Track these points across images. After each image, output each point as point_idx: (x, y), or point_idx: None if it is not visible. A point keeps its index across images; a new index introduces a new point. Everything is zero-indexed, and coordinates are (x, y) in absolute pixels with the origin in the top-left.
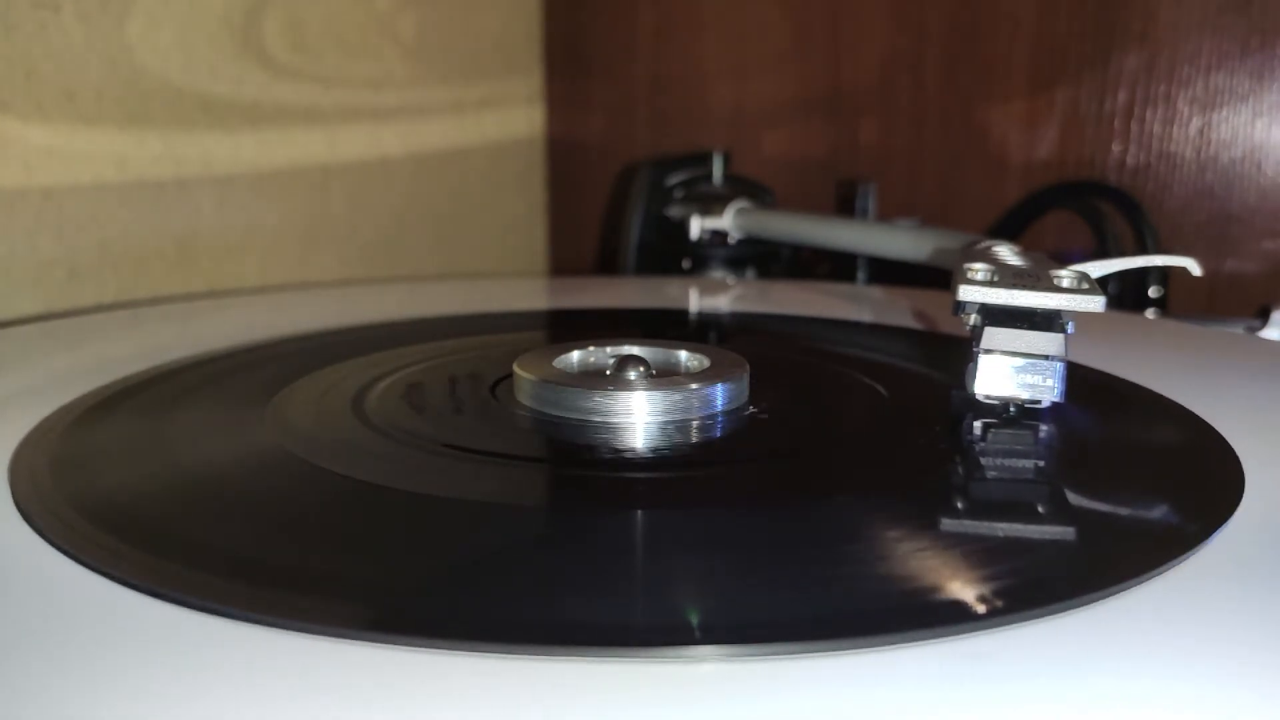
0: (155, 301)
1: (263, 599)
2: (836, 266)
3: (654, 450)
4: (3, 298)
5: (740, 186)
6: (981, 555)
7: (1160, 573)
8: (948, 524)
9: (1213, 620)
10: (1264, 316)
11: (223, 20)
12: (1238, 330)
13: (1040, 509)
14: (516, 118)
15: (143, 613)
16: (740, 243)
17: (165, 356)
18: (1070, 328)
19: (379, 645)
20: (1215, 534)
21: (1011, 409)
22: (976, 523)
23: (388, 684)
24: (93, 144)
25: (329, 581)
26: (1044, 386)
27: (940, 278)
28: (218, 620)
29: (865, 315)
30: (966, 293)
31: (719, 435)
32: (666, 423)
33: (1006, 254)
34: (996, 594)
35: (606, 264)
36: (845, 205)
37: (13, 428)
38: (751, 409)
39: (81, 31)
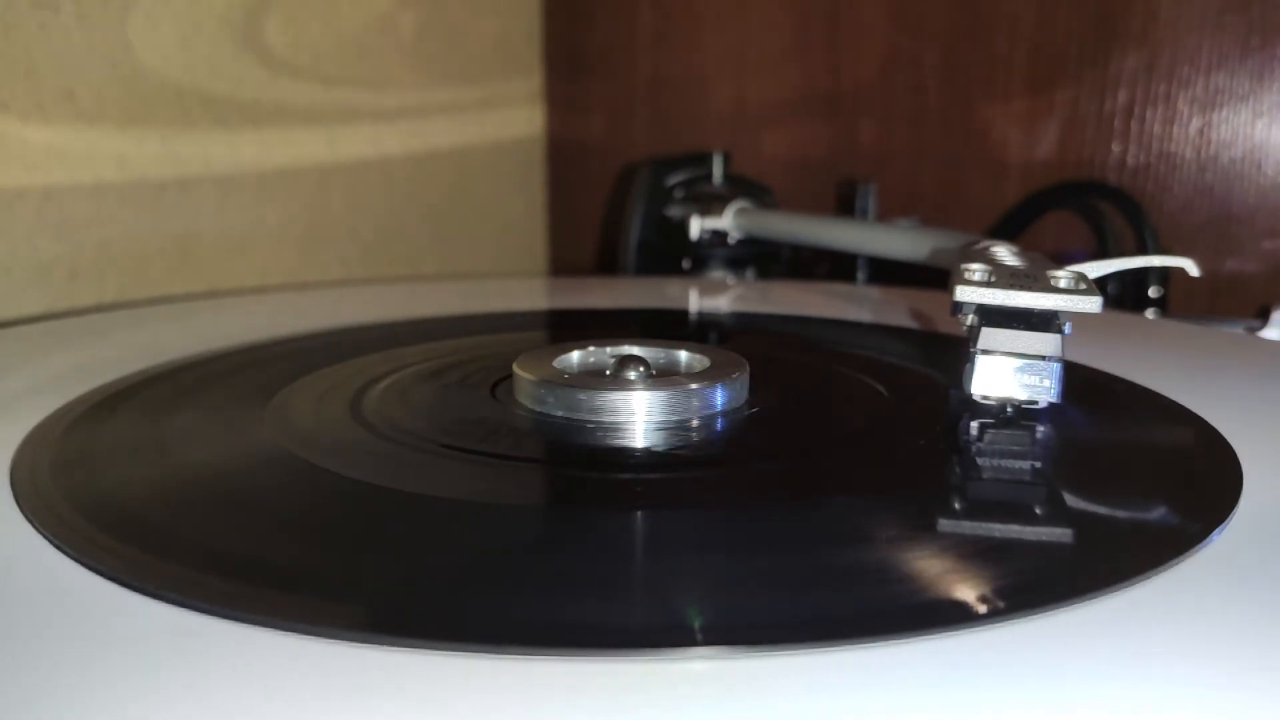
0: (155, 301)
1: (262, 599)
2: (836, 266)
3: (653, 450)
4: (3, 298)
5: (740, 186)
6: (979, 555)
7: (1159, 573)
8: (946, 524)
9: (1211, 620)
10: (1264, 316)
11: (223, 20)
12: (1238, 330)
13: (1038, 509)
14: (516, 118)
15: (142, 612)
16: (740, 243)
17: (165, 356)
18: (1067, 328)
19: (378, 646)
20: (1214, 534)
21: (1009, 409)
22: (974, 523)
23: (387, 684)
24: (93, 144)
25: (328, 582)
26: (1041, 387)
27: (939, 278)
28: (217, 620)
29: (865, 315)
30: (963, 293)
31: (719, 435)
32: (666, 423)
33: (1004, 254)
34: (995, 594)
35: (606, 264)
36: (845, 205)
37: (13, 428)
38: (751, 409)
39: (81, 31)
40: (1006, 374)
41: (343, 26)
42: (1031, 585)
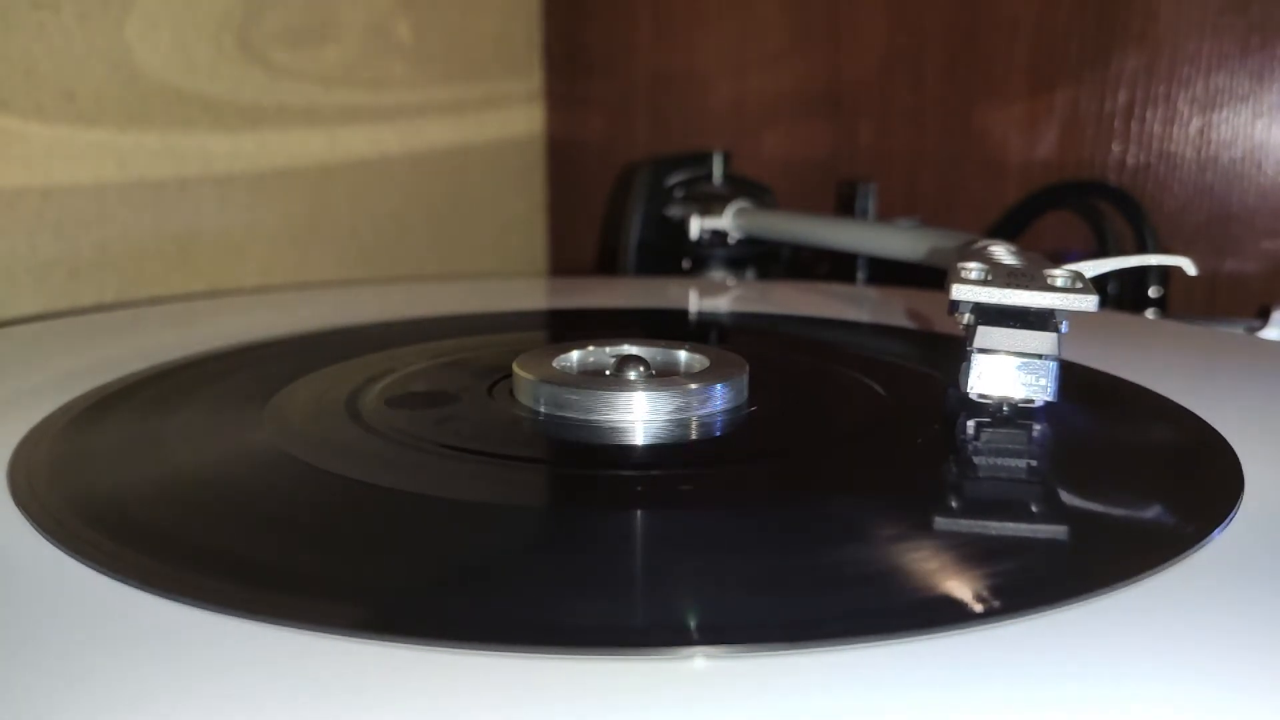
0: (155, 301)
1: (261, 599)
2: (836, 266)
3: (653, 450)
4: (3, 298)
5: (740, 186)
6: (977, 555)
7: (1158, 572)
8: (944, 524)
9: (1211, 620)
10: (1264, 316)
11: (222, 20)
12: (1238, 330)
13: (1035, 508)
14: (516, 118)
15: (141, 612)
16: (740, 243)
17: (165, 356)
18: (1064, 327)
19: (378, 645)
20: (1214, 534)
21: (1005, 408)
22: (972, 522)
23: (387, 684)
24: (93, 144)
25: (327, 582)
26: (1038, 386)
27: (938, 278)
28: (216, 620)
29: (864, 315)
30: (960, 292)
31: (718, 435)
32: (666, 423)
33: (1001, 253)
34: (994, 594)
35: (606, 264)
36: (845, 205)
37: (13, 428)
38: (750, 409)
39: (81, 31)
40: (1004, 373)
41: (342, 26)
42: (1030, 585)
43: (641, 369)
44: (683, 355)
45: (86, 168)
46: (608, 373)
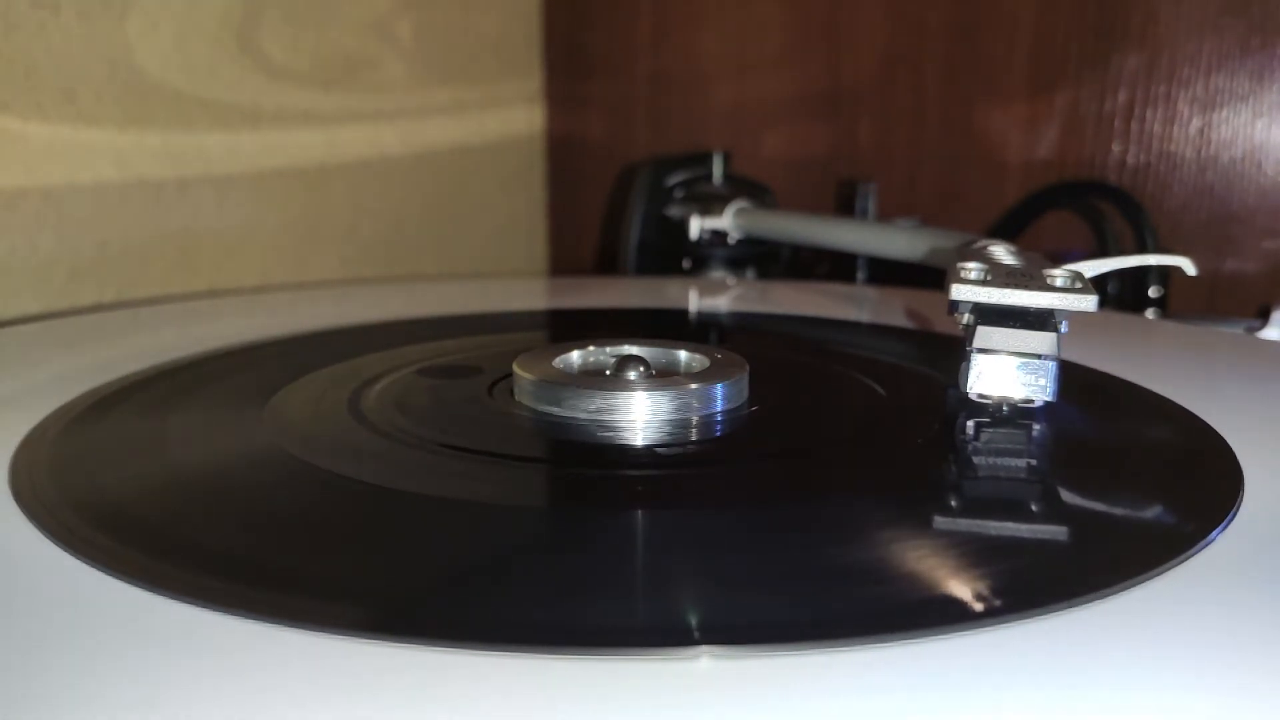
0: (155, 301)
1: (262, 599)
2: (836, 266)
3: (653, 450)
4: (3, 298)
5: (740, 186)
6: (977, 555)
7: (1158, 573)
8: (943, 523)
9: (1210, 620)
10: (1264, 316)
11: (222, 20)
12: (1238, 330)
13: (1035, 509)
14: (516, 118)
15: (142, 612)
16: (740, 243)
17: (165, 356)
18: (1064, 327)
19: (378, 645)
20: (1214, 534)
21: (1005, 408)
22: (972, 522)
23: (387, 684)
24: (93, 144)
25: (327, 582)
26: (1037, 386)
27: (938, 278)
28: (217, 619)
29: (864, 315)
30: (960, 292)
31: (718, 435)
32: (666, 423)
33: (1001, 253)
34: (993, 594)
35: (606, 264)
36: (845, 205)
37: (13, 428)
38: (751, 409)
39: (81, 31)
40: (1003, 373)
41: (342, 26)
42: (1030, 586)
43: (641, 369)
44: (683, 355)
45: (86, 168)
46: (608, 373)
